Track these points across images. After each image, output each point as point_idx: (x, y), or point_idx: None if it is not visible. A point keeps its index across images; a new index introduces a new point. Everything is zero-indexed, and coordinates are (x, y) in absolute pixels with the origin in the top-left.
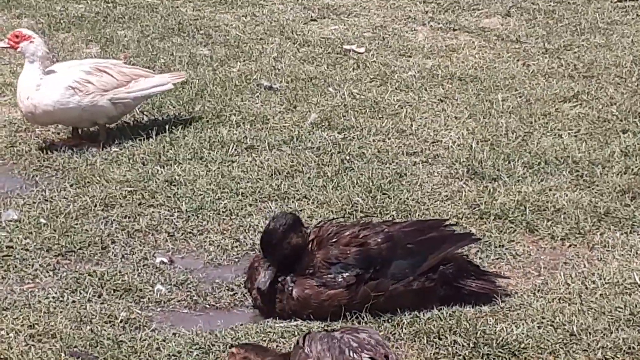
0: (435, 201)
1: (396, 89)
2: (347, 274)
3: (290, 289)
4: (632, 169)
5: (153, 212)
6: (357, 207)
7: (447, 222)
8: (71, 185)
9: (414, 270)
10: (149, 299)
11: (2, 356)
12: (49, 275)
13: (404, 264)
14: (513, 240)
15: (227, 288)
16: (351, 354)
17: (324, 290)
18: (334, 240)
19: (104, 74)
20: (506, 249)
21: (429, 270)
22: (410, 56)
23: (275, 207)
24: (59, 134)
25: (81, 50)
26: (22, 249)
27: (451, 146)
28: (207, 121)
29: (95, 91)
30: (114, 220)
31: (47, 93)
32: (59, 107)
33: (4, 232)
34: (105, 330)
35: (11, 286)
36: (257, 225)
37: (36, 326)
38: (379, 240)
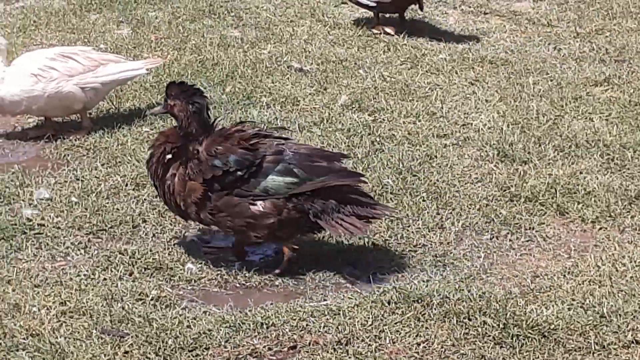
0: (466, 183)
1: (427, 71)
2: (218, 169)
3: (172, 174)
4: None
5: None
6: (387, 188)
7: (344, 156)
8: (102, 165)
9: (285, 192)
10: (179, 277)
11: (34, 332)
12: (81, 253)
13: (278, 181)
14: (543, 223)
15: (257, 267)
16: None
17: (188, 180)
18: (228, 135)
19: (69, 60)
20: (536, 231)
21: (298, 198)
22: (441, 39)
23: None
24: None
25: (112, 32)
26: (53, 227)
27: (482, 129)
28: (238, 102)
29: (60, 77)
30: (144, 199)
31: (11, 83)
32: (25, 95)
33: (36, 210)
34: (136, 307)
35: (43, 263)
36: None
37: (67, 303)
38: (268, 152)
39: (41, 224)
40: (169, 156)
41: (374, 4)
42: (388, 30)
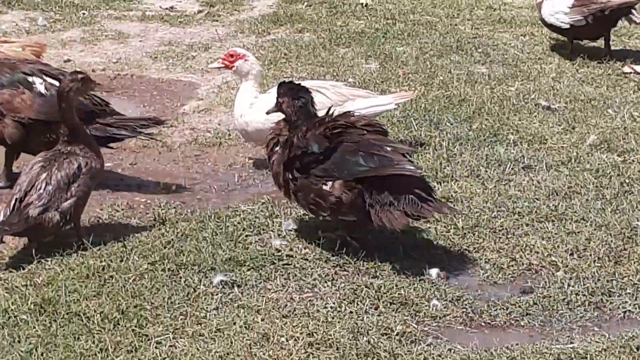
0: None
1: None
2: (299, 149)
3: (274, 159)
4: None
5: (429, 227)
6: (636, 231)
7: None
8: None
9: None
10: (424, 313)
11: None
12: (327, 286)
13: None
14: None
15: (502, 307)
16: None
17: (276, 160)
18: (320, 123)
19: (317, 94)
20: None
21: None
22: None
23: (552, 228)
24: None
25: (360, 66)
26: (301, 258)
27: None
28: (484, 139)
29: None
30: (389, 235)
31: (258, 111)
32: (269, 125)
33: (284, 241)
34: (381, 342)
35: (291, 294)
36: (533, 245)
37: (314, 334)
38: (345, 140)
39: (289, 255)
40: (278, 148)
41: (568, 27)
42: (639, 69)
